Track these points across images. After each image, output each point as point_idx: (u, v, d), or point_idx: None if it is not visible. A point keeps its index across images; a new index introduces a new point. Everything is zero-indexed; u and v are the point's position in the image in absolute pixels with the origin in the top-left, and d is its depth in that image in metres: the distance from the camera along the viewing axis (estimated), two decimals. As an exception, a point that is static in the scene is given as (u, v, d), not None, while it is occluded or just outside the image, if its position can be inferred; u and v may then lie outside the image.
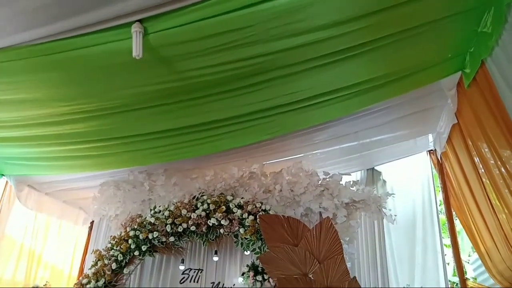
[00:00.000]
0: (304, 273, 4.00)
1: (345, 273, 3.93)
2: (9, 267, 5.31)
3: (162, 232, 4.51)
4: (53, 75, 3.00)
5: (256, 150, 4.81)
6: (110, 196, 5.19)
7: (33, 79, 3.03)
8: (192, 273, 4.98)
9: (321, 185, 4.72)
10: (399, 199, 5.07)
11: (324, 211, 4.60)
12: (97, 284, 4.35)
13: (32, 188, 5.40)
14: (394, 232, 5.00)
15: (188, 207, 4.57)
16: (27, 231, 5.58)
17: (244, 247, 4.45)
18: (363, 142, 4.87)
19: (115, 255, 4.49)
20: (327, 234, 4.08)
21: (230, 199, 4.61)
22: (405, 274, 4.71)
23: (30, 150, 4.26)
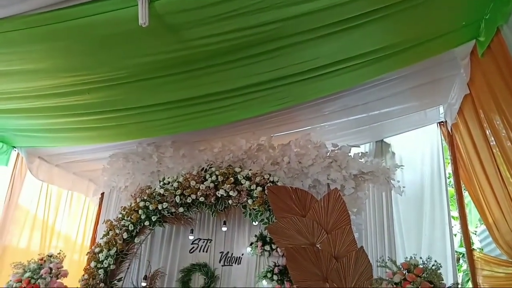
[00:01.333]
0: (312, 243, 4.06)
1: (352, 243, 3.97)
2: (24, 237, 5.46)
3: (171, 203, 4.58)
4: (57, 45, 2.96)
5: (264, 122, 4.78)
6: (119, 168, 5.25)
7: (37, 49, 3.00)
8: (201, 243, 5.07)
9: (330, 157, 4.71)
10: (408, 171, 5.05)
11: (332, 182, 4.61)
12: (109, 253, 4.46)
13: (43, 160, 5.47)
14: (402, 204, 5.01)
15: (196, 179, 4.61)
16: (39, 203, 5.70)
17: (252, 218, 4.50)
18: (372, 114, 4.81)
19: (126, 225, 4.58)
20: (335, 205, 4.11)
21: (238, 171, 4.63)
22: (412, 244, 4.74)
23: (38, 122, 4.28)
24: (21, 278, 4.18)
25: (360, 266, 3.83)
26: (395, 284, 3.36)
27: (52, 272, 4.25)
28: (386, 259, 3.76)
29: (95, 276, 4.38)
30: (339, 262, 3.89)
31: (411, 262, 3.49)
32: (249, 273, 4.82)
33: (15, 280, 4.18)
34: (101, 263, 4.42)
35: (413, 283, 3.29)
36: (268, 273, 4.57)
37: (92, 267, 4.43)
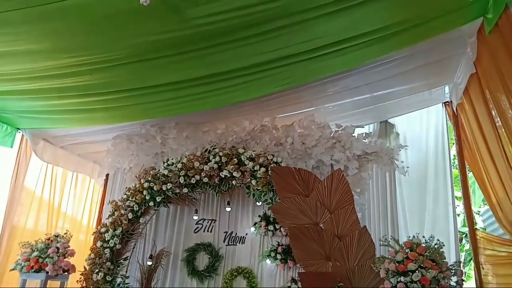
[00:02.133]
0: (315, 223, 4.09)
1: (355, 223, 4.00)
2: (31, 218, 5.54)
3: (175, 184, 4.61)
4: (56, 25, 2.93)
5: (268, 103, 4.76)
6: (123, 149, 5.28)
7: (36, 29, 2.97)
8: (205, 223, 5.14)
9: (333, 137, 4.70)
10: (412, 151, 5.03)
11: (336, 163, 4.61)
12: (114, 233, 4.53)
13: (47, 141, 5.50)
14: (406, 184, 5.01)
15: (200, 160, 4.63)
16: (45, 184, 5.76)
17: (256, 198, 4.53)
18: (376, 94, 4.76)
19: (131, 206, 4.63)
20: (338, 185, 4.12)
21: (242, 151, 4.64)
22: (415, 224, 4.76)
23: (41, 104, 4.29)
24: (29, 257, 4.26)
25: (362, 245, 3.87)
26: (397, 262, 3.38)
27: (59, 251, 4.34)
28: (389, 238, 3.78)
29: (101, 255, 4.45)
30: (342, 241, 3.93)
31: (414, 241, 3.51)
32: (253, 253, 4.89)
33: (23, 259, 4.26)
34: (107, 243, 4.49)
35: (416, 262, 3.31)
36: (272, 252, 4.64)
37: (99, 246, 4.50)
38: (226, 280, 4.79)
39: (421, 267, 3.30)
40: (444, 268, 3.32)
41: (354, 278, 3.81)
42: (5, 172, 5.13)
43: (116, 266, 4.51)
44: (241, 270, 4.80)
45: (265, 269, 4.77)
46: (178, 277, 4.97)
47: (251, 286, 4.70)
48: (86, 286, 4.35)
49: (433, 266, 3.28)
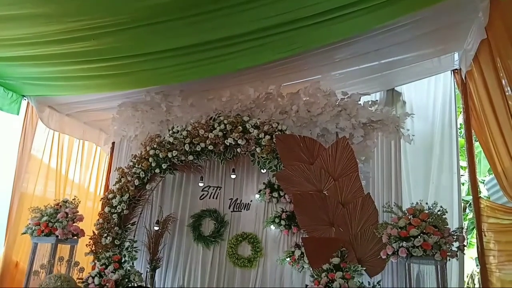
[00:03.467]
0: (319, 190, 4.13)
1: (359, 190, 4.04)
2: (39, 185, 5.63)
3: (180, 151, 4.64)
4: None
5: (273, 71, 4.69)
6: (129, 117, 5.29)
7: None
8: (211, 190, 5.21)
9: (339, 105, 4.66)
10: (419, 119, 4.99)
11: (341, 131, 4.59)
12: (122, 199, 4.61)
13: (53, 109, 5.52)
14: (411, 153, 5.00)
15: (205, 127, 4.63)
16: (52, 152, 5.82)
17: (261, 166, 4.56)
18: (384, 61, 4.68)
19: (137, 173, 4.69)
20: (343, 153, 4.13)
21: (247, 119, 4.62)
22: (419, 192, 4.79)
23: (45, 70, 4.27)
24: (39, 221, 4.37)
25: (366, 212, 3.92)
26: (400, 228, 3.44)
27: (68, 216, 4.43)
28: (392, 205, 3.81)
29: (109, 220, 4.55)
30: (346, 207, 3.98)
31: (417, 208, 3.55)
32: (258, 219, 4.97)
33: (33, 224, 4.37)
34: (115, 208, 4.58)
35: (418, 228, 3.35)
36: (276, 218, 4.71)
37: (106, 212, 4.60)
38: (231, 245, 4.90)
39: (423, 232, 3.35)
40: (446, 233, 3.37)
41: (356, 244, 3.89)
42: (12, 140, 5.18)
43: (124, 231, 4.62)
44: (246, 235, 4.91)
45: (269, 235, 4.86)
46: (184, 242, 5.10)
47: (255, 251, 4.81)
48: (96, 249, 4.47)
49: (435, 232, 3.33)
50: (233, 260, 4.85)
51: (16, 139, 5.21)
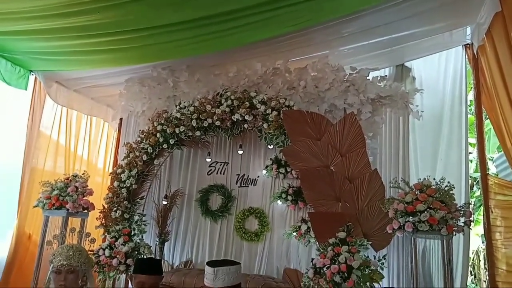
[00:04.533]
0: (326, 165, 4.14)
1: (366, 166, 4.03)
2: (49, 161, 5.71)
3: (188, 127, 4.65)
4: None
5: (280, 45, 4.61)
6: (136, 92, 5.29)
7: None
8: (218, 165, 5.25)
9: (347, 80, 4.60)
10: (428, 95, 4.91)
11: (349, 107, 4.55)
12: (130, 174, 4.66)
13: (60, 84, 5.52)
14: (419, 129, 4.94)
15: (212, 103, 4.62)
16: (60, 129, 5.87)
17: (268, 141, 4.56)
18: (393, 36, 4.57)
19: (145, 148, 4.72)
20: (350, 129, 4.10)
21: (254, 95, 4.59)
22: (427, 169, 4.75)
23: (51, 44, 4.25)
24: (50, 195, 4.45)
25: (373, 187, 3.93)
26: (406, 203, 3.44)
27: (78, 190, 4.50)
28: (399, 181, 3.81)
29: (118, 195, 4.62)
30: (352, 183, 3.99)
31: (424, 183, 3.55)
32: (265, 194, 5.02)
33: (44, 197, 4.46)
34: (124, 183, 4.64)
35: (425, 203, 3.36)
36: (283, 193, 4.75)
37: (116, 186, 4.66)
38: (238, 220, 4.98)
39: (430, 208, 3.35)
40: (453, 209, 3.37)
41: (362, 218, 3.92)
42: (21, 116, 5.22)
43: (133, 205, 4.70)
44: (253, 210, 4.97)
45: (276, 210, 4.92)
46: (192, 216, 5.19)
47: (262, 225, 4.87)
48: (105, 222, 4.56)
49: (442, 207, 3.34)
50: (240, 234, 4.93)
51: (24, 115, 5.25)
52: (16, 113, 5.20)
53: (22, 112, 5.25)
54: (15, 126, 5.16)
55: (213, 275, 1.74)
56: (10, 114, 5.13)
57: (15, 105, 5.17)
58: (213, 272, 1.75)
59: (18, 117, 5.21)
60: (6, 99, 5.03)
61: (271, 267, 4.77)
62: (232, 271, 1.78)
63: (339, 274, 3.48)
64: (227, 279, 1.74)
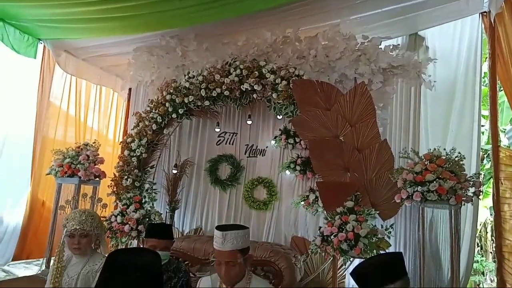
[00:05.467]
0: (335, 135, 4.12)
1: (376, 136, 4.00)
2: (59, 131, 5.78)
3: (197, 96, 4.63)
4: None
5: (290, 13, 4.51)
6: (144, 62, 5.26)
7: None
8: (227, 136, 5.26)
9: (359, 49, 4.51)
10: (441, 65, 4.80)
11: (360, 77, 4.48)
12: (140, 143, 4.70)
13: (69, 53, 5.51)
14: (431, 99, 4.86)
15: (221, 73, 4.58)
16: (70, 99, 5.91)
17: (277, 111, 4.53)
18: (407, 3, 4.42)
19: (155, 117, 4.74)
20: (360, 99, 4.05)
21: (263, 64, 4.53)
22: (437, 140, 4.70)
23: (59, 12, 4.21)
24: (62, 163, 4.52)
25: (382, 158, 3.91)
26: (415, 173, 3.43)
27: (89, 158, 4.56)
28: (409, 151, 3.78)
29: (129, 163, 4.68)
30: (362, 153, 3.97)
31: (434, 153, 3.51)
32: (273, 164, 5.05)
33: (57, 165, 4.53)
34: (134, 152, 4.69)
35: (434, 173, 3.34)
36: (291, 164, 4.77)
37: (126, 155, 4.71)
38: (247, 189, 5.03)
39: (439, 178, 3.34)
40: (463, 179, 3.35)
41: (371, 188, 3.92)
42: (31, 85, 5.24)
43: (144, 173, 4.76)
44: (262, 180, 5.01)
45: (285, 180, 4.95)
46: (202, 185, 5.25)
47: (270, 194, 4.92)
48: (117, 190, 4.64)
49: (452, 177, 3.32)
50: (249, 203, 5.00)
51: (34, 84, 5.28)
52: (27, 83, 5.22)
53: (32, 82, 5.27)
54: (25, 95, 5.20)
55: (222, 239, 1.77)
56: (21, 83, 5.15)
57: (26, 74, 5.18)
58: (222, 235, 1.78)
59: (29, 87, 5.24)
60: (16, 68, 5.04)
61: (279, 235, 4.86)
62: (241, 235, 1.81)
63: (346, 242, 3.54)
64: (236, 243, 1.77)
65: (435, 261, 4.03)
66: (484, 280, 6.20)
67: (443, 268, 4.02)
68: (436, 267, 4.04)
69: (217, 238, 1.80)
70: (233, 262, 1.76)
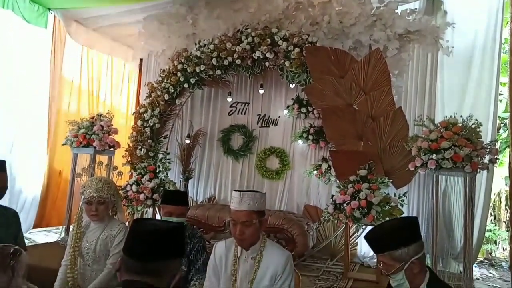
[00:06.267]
0: (349, 104, 4.06)
1: (390, 104, 3.94)
2: (73, 103, 5.83)
3: (208, 66, 4.58)
4: None
5: (304, -23, 4.38)
6: (155, 31, 5.20)
7: None
8: (239, 106, 5.25)
9: (374, 15, 4.36)
10: (460, 30, 4.62)
11: (375, 43, 4.35)
12: (153, 113, 4.71)
13: (80, 23, 5.47)
14: (448, 66, 4.72)
15: (232, 41, 4.50)
16: (82, 72, 5.91)
17: (289, 80, 4.46)
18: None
19: (167, 87, 4.72)
20: (375, 66, 3.96)
21: (275, 31, 4.43)
22: (453, 108, 4.59)
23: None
24: (77, 134, 4.57)
25: (396, 126, 3.87)
26: (430, 141, 3.38)
27: (103, 129, 4.60)
28: (424, 118, 3.71)
29: (142, 134, 4.71)
30: (376, 121, 3.93)
31: (450, 121, 3.45)
32: (285, 134, 5.04)
33: (72, 136, 4.59)
34: (147, 122, 4.71)
35: (450, 140, 3.29)
36: (304, 133, 4.75)
37: (139, 125, 4.74)
38: (259, 159, 5.06)
39: (454, 145, 3.29)
40: (479, 146, 3.30)
41: (384, 157, 3.90)
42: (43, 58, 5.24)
43: (157, 144, 4.79)
44: (274, 149, 5.02)
45: (297, 149, 4.96)
46: (214, 155, 5.30)
47: (283, 164, 4.94)
48: (131, 160, 4.70)
49: (468, 144, 3.27)
50: (262, 172, 5.03)
51: (47, 56, 5.28)
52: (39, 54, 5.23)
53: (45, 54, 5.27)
54: (38, 67, 5.21)
55: (239, 199, 1.80)
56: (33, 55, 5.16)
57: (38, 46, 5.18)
58: (239, 196, 1.81)
59: (41, 59, 5.25)
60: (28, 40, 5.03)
61: (291, 204, 4.91)
62: (257, 197, 1.83)
63: (359, 210, 3.55)
64: (252, 204, 1.80)
65: (448, 229, 4.05)
66: (496, 248, 6.21)
67: (456, 236, 4.04)
68: (449, 235, 4.06)
69: (235, 198, 1.83)
70: (249, 222, 1.79)
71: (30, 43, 5.06)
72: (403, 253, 1.60)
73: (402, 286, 1.62)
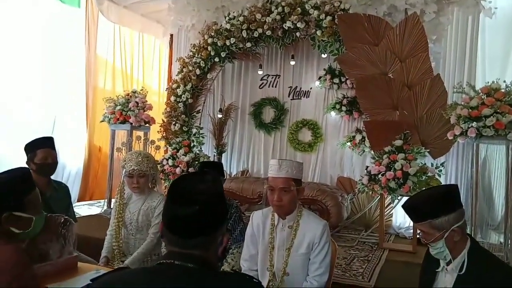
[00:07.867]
0: (384, 72, 3.95)
1: (428, 71, 3.79)
2: (108, 82, 5.99)
3: (238, 38, 4.55)
4: None
5: None
6: (184, 5, 5.20)
7: None
8: (270, 78, 5.22)
9: (410, -23, 4.15)
10: (503, -10, 4.34)
11: (411, 8, 4.15)
12: (185, 88, 4.77)
13: (111, 1, 5.53)
14: (490, 29, 4.43)
15: (262, 12, 4.43)
16: (115, 51, 6.03)
17: (321, 50, 4.37)
18: None
19: (198, 62, 4.75)
20: (412, 31, 3.81)
21: (306, 0, 4.31)
22: (496, 74, 4.35)
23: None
24: (113, 110, 4.72)
25: (434, 94, 3.73)
26: (471, 108, 3.25)
27: (138, 105, 4.72)
28: (465, 85, 3.55)
29: (176, 109, 4.80)
30: (412, 90, 3.80)
31: (492, 86, 3.28)
32: (318, 106, 4.99)
33: (109, 112, 4.73)
34: (180, 97, 4.79)
35: (491, 107, 3.15)
36: (337, 104, 4.69)
37: (172, 101, 4.83)
38: (291, 131, 5.05)
39: (497, 112, 3.15)
40: (523, 112, 3.14)
41: (421, 126, 3.79)
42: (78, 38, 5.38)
43: (190, 119, 4.88)
44: (306, 122, 4.99)
45: (330, 121, 4.90)
46: (246, 129, 5.33)
47: (315, 136, 4.91)
48: (166, 135, 4.82)
49: (511, 110, 3.11)
50: (294, 145, 5.03)
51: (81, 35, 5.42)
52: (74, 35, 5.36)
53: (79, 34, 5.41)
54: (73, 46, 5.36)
55: (278, 166, 1.82)
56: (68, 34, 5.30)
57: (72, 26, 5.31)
58: (277, 163, 1.83)
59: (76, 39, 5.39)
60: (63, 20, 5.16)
61: (324, 176, 4.91)
62: (295, 165, 1.85)
63: (394, 180, 3.50)
64: (290, 171, 1.82)
65: (488, 199, 3.93)
66: (539, 219, 6.01)
67: (496, 206, 3.92)
68: (489, 205, 3.94)
69: (273, 166, 1.84)
70: (287, 189, 1.80)
71: (65, 23, 5.19)
72: (443, 221, 1.57)
73: (442, 254, 1.61)
